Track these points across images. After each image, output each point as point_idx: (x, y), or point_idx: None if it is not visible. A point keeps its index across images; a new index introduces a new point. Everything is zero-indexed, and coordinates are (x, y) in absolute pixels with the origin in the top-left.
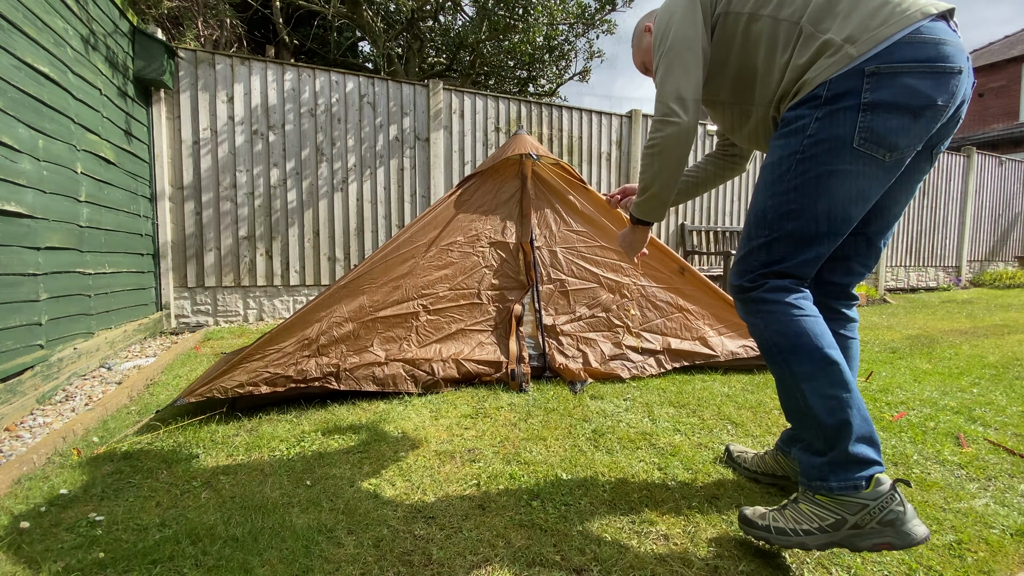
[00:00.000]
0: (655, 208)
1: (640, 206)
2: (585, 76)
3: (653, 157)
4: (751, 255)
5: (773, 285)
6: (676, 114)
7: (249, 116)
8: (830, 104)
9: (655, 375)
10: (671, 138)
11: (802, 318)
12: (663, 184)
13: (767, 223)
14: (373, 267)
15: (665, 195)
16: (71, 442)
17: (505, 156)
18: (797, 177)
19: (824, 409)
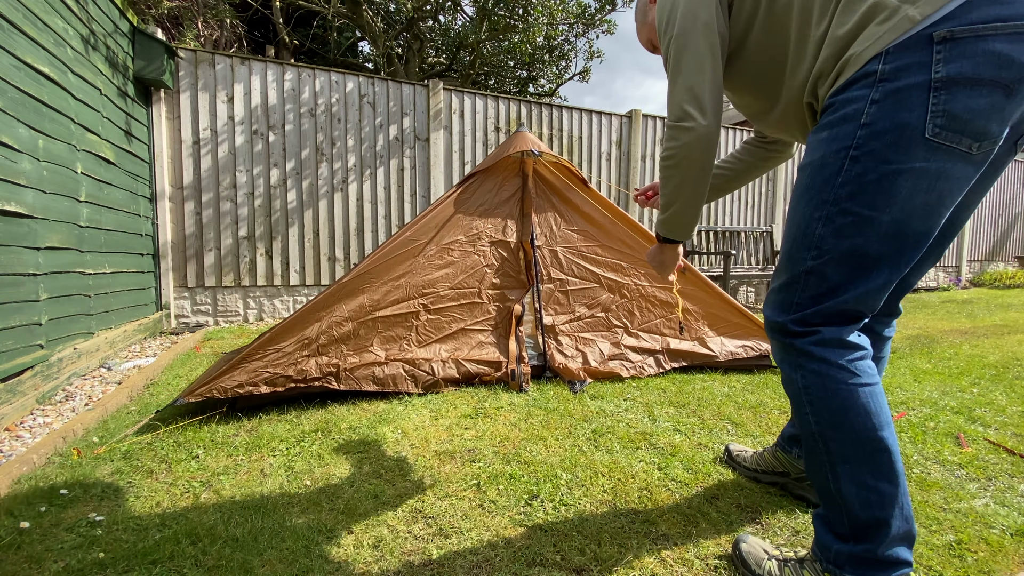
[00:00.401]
0: (681, 226)
1: (664, 224)
2: (585, 76)
3: (671, 170)
4: (795, 284)
5: (828, 337)
6: (691, 117)
7: (249, 116)
8: (890, 82)
9: (654, 375)
10: (689, 147)
11: (857, 388)
12: (687, 199)
13: (814, 241)
14: (374, 266)
15: (690, 211)
16: (71, 442)
17: (506, 154)
18: (851, 181)
19: (859, 501)
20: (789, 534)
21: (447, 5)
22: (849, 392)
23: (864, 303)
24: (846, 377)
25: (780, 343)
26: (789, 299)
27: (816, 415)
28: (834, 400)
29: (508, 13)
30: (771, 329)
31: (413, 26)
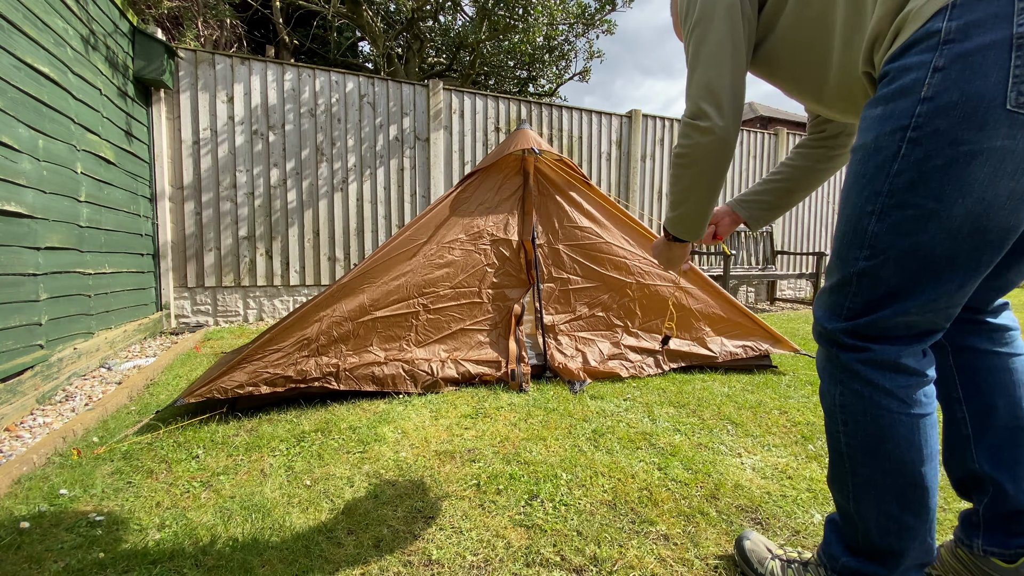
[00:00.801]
0: (691, 227)
1: (674, 223)
2: (585, 76)
3: (683, 169)
4: (847, 286)
5: (879, 357)
6: (706, 116)
7: (249, 116)
8: (957, 43)
9: (653, 375)
10: (702, 148)
11: (902, 418)
12: (698, 201)
13: (866, 239)
14: (373, 266)
15: (700, 213)
16: (71, 442)
17: (507, 152)
18: (911, 168)
19: (878, 527)
20: (789, 534)
21: (447, 5)
22: (892, 421)
23: (931, 313)
24: (892, 405)
25: (825, 351)
26: (840, 302)
27: (849, 436)
28: (873, 426)
29: (508, 13)
30: (818, 334)
31: (413, 26)
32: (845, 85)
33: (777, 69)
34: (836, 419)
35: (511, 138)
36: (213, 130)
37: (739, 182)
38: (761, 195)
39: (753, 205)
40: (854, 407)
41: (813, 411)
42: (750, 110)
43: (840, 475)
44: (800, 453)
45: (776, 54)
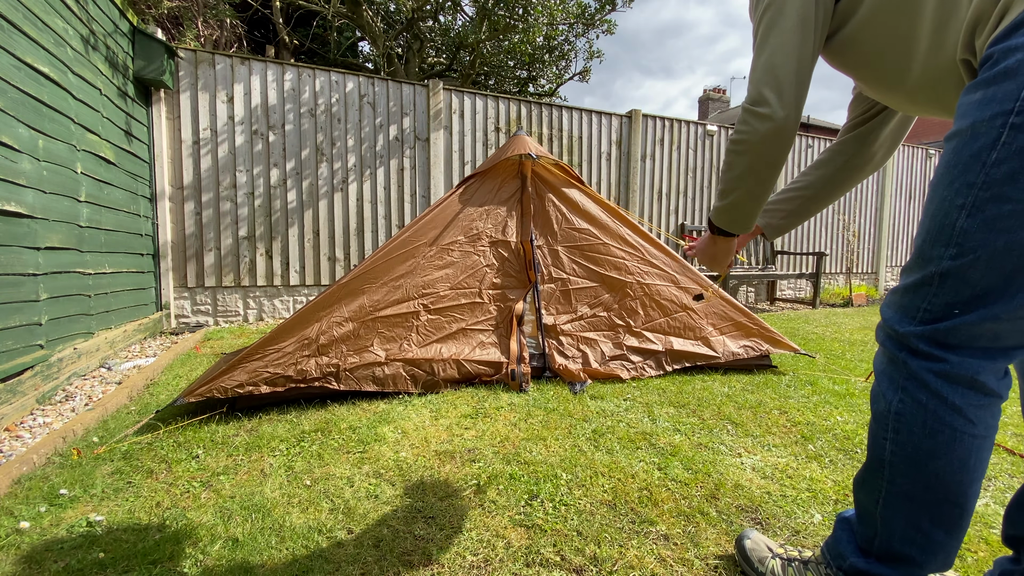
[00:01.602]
0: (739, 218)
1: (720, 213)
2: (585, 76)
3: (738, 156)
4: (926, 287)
5: (955, 371)
6: (767, 103)
7: (249, 116)
8: None
9: (655, 376)
10: (760, 136)
11: (964, 437)
12: (750, 191)
13: (953, 236)
14: (374, 266)
15: (751, 204)
16: (71, 442)
17: (504, 157)
18: (1012, 157)
19: (901, 535)
20: (789, 534)
21: (447, 5)
22: (951, 439)
23: (1022, 321)
24: (957, 423)
25: (889, 354)
26: (916, 304)
27: (896, 446)
28: (928, 441)
29: (508, 13)
30: (886, 337)
31: (413, 26)
32: (933, 74)
33: (853, 58)
34: (886, 426)
35: (508, 144)
36: (213, 130)
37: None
38: (781, 203)
39: (772, 214)
40: (912, 418)
41: (813, 411)
42: None
43: (874, 480)
44: (800, 453)
45: (854, 41)
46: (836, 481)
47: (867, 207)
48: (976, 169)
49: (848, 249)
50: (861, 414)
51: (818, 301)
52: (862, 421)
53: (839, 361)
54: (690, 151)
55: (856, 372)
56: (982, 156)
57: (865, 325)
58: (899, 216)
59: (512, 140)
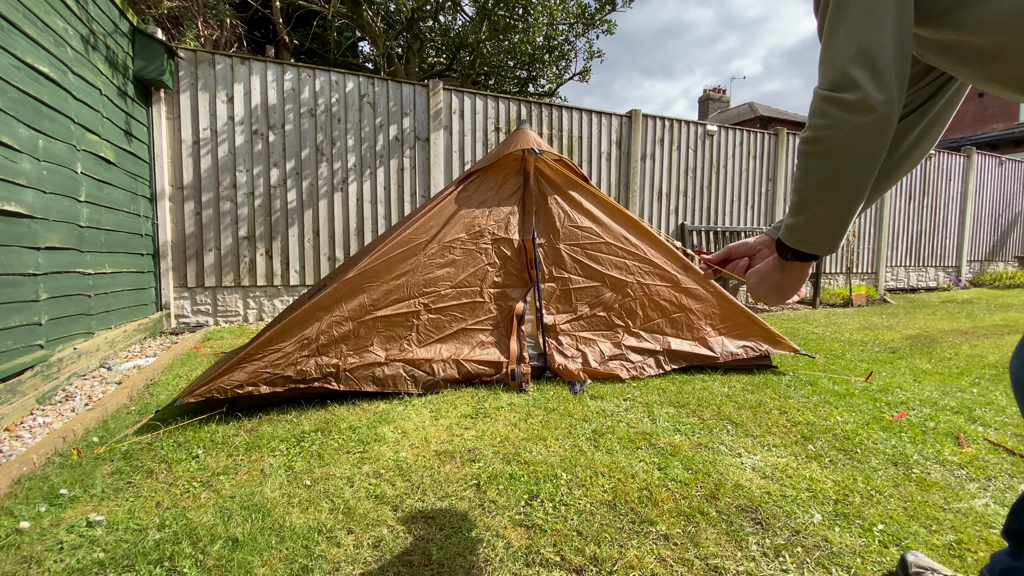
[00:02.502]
0: (822, 238)
1: (798, 232)
2: (585, 76)
3: (817, 159)
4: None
5: None
6: (857, 86)
7: (249, 116)
8: None
9: (654, 375)
10: (847, 128)
11: None
12: (837, 202)
13: None
14: (374, 264)
15: (838, 219)
16: (71, 442)
17: (507, 152)
18: None
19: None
20: (789, 534)
21: (447, 5)
22: None
23: None
24: None
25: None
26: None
27: None
28: None
29: (508, 13)
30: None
31: (413, 26)
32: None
33: (970, 29)
34: None
35: (511, 138)
36: (213, 130)
37: (738, 183)
38: None
39: None
40: None
41: (813, 411)
42: (749, 110)
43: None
44: (800, 453)
45: (985, 18)
46: (836, 481)
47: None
48: None
49: (848, 249)
50: (861, 414)
51: (818, 301)
52: (862, 421)
53: (839, 361)
54: (690, 151)
55: (856, 372)
56: None
57: (865, 325)
58: (899, 216)
59: (515, 134)
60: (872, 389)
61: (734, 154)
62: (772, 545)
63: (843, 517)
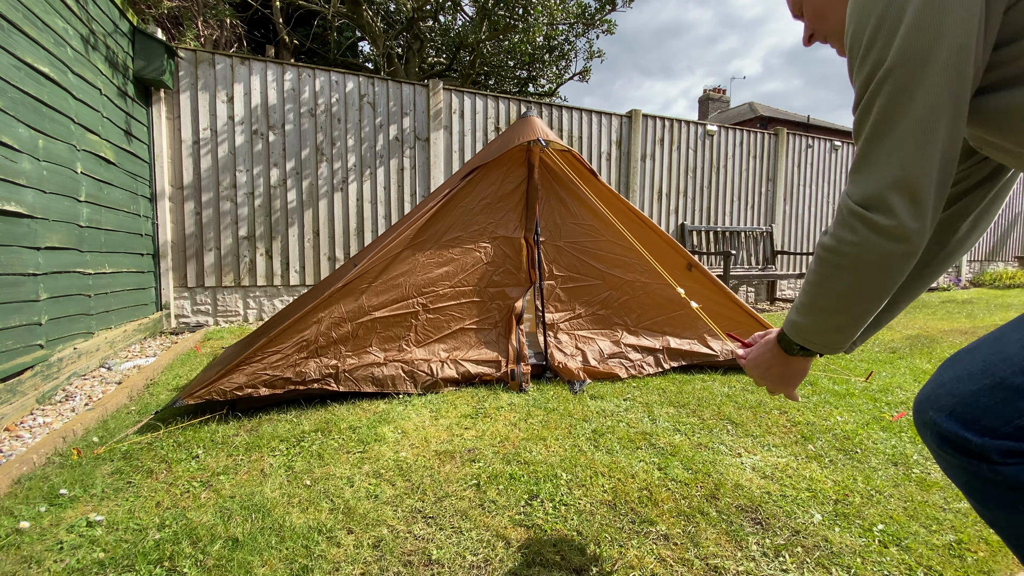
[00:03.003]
0: (830, 342)
1: (806, 333)
2: (585, 76)
3: (835, 271)
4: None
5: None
6: (891, 213)
7: (249, 116)
8: None
9: (653, 374)
10: (878, 255)
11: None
12: (848, 314)
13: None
14: (372, 265)
15: (849, 327)
16: (71, 442)
17: (513, 144)
18: None
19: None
20: (789, 534)
21: (447, 5)
22: None
23: None
24: None
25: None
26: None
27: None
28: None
29: (508, 13)
30: (955, 449)
31: (413, 26)
32: None
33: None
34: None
35: (517, 127)
36: (213, 130)
37: (738, 183)
38: None
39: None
40: None
41: (813, 411)
42: (749, 110)
43: None
44: (800, 453)
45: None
46: (836, 481)
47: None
48: None
49: None
50: (860, 414)
51: None
52: (862, 421)
53: (839, 361)
54: (690, 151)
55: (856, 372)
56: None
57: None
58: None
59: (520, 123)
60: (872, 389)
61: (734, 154)
62: (772, 545)
63: (843, 517)
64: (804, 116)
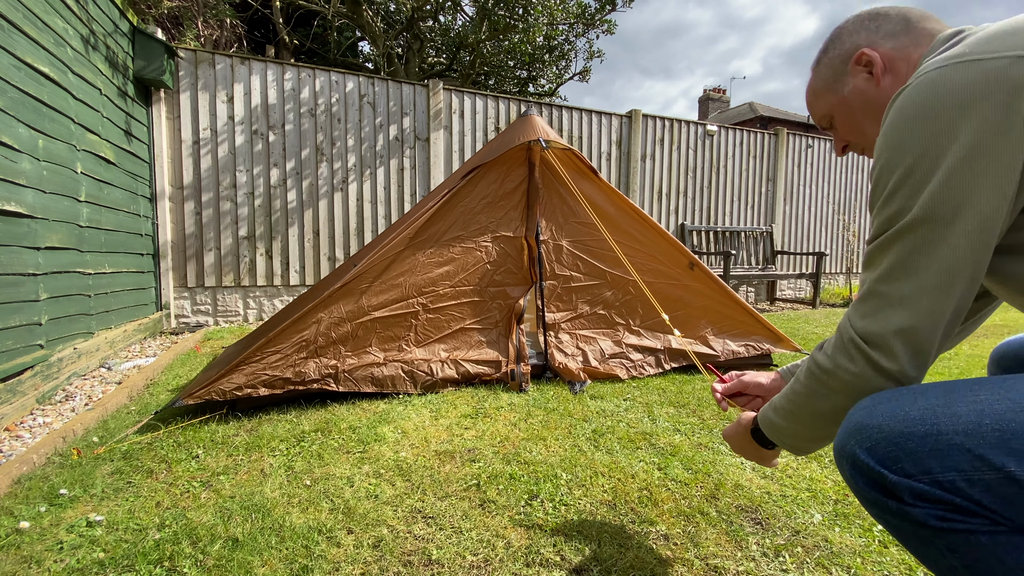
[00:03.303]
0: (797, 446)
1: (780, 434)
2: (585, 76)
3: (824, 389)
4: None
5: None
6: (894, 358)
7: (249, 116)
8: None
9: (654, 375)
10: (869, 387)
11: None
12: (821, 429)
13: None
14: (372, 265)
15: (817, 439)
16: (71, 442)
17: (513, 145)
18: None
19: None
20: (789, 534)
21: (447, 5)
22: None
23: None
24: None
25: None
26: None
27: None
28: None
29: (508, 13)
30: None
31: (413, 26)
32: None
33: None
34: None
35: (517, 126)
36: (213, 130)
37: (739, 182)
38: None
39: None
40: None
41: None
42: (749, 110)
43: None
44: None
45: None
46: (836, 481)
47: (867, 207)
48: None
49: (848, 249)
50: None
51: (818, 301)
52: None
53: None
54: (690, 151)
55: None
56: None
57: None
58: None
59: (521, 121)
60: None
61: (734, 154)
62: (772, 545)
63: (843, 517)
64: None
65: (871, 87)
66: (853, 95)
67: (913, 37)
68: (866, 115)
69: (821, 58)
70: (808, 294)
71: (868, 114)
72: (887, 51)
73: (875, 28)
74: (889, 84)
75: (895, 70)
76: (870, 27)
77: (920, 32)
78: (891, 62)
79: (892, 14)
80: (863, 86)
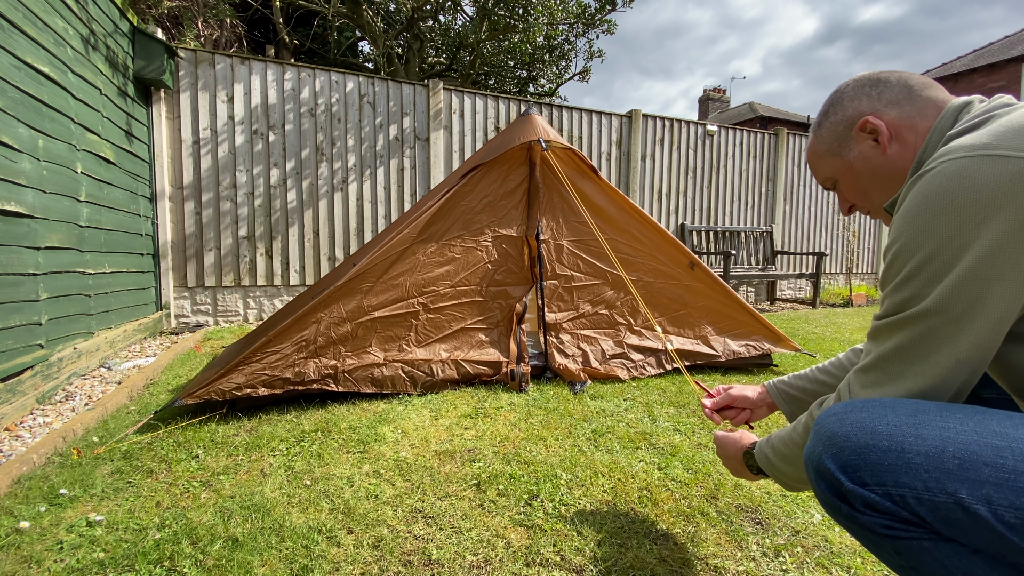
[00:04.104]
0: (793, 485)
1: (771, 467)
2: (585, 76)
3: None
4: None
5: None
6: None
7: (249, 116)
8: None
9: (655, 375)
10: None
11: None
12: (800, 475)
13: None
14: (372, 265)
15: (792, 480)
16: (71, 442)
17: (513, 145)
18: None
19: None
20: (789, 534)
21: (447, 5)
22: None
23: None
24: None
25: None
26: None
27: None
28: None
29: (508, 13)
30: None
31: (413, 26)
32: None
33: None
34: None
35: (516, 126)
36: (213, 130)
37: (739, 182)
38: (807, 387)
39: (797, 403)
40: None
41: None
42: (749, 110)
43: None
44: None
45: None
46: None
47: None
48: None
49: (848, 249)
50: None
51: (818, 301)
52: None
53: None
54: (690, 151)
55: None
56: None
57: (865, 325)
58: None
59: (521, 120)
60: None
61: (734, 154)
62: (772, 545)
63: None
64: (804, 116)
65: (877, 154)
66: (859, 161)
67: (918, 107)
68: (873, 182)
69: (822, 121)
70: (808, 294)
71: (875, 181)
72: (892, 120)
73: (877, 95)
74: (897, 153)
75: (902, 139)
76: (871, 94)
77: (924, 102)
78: (897, 131)
79: (893, 81)
80: (869, 153)
